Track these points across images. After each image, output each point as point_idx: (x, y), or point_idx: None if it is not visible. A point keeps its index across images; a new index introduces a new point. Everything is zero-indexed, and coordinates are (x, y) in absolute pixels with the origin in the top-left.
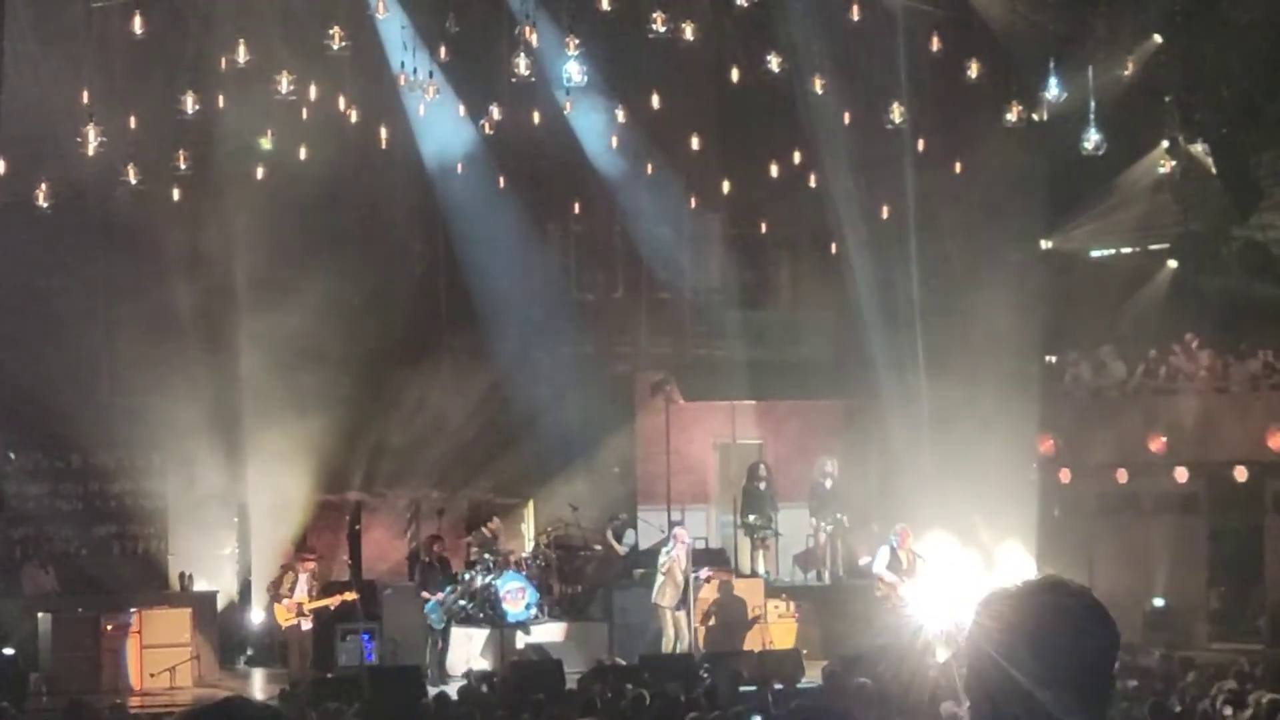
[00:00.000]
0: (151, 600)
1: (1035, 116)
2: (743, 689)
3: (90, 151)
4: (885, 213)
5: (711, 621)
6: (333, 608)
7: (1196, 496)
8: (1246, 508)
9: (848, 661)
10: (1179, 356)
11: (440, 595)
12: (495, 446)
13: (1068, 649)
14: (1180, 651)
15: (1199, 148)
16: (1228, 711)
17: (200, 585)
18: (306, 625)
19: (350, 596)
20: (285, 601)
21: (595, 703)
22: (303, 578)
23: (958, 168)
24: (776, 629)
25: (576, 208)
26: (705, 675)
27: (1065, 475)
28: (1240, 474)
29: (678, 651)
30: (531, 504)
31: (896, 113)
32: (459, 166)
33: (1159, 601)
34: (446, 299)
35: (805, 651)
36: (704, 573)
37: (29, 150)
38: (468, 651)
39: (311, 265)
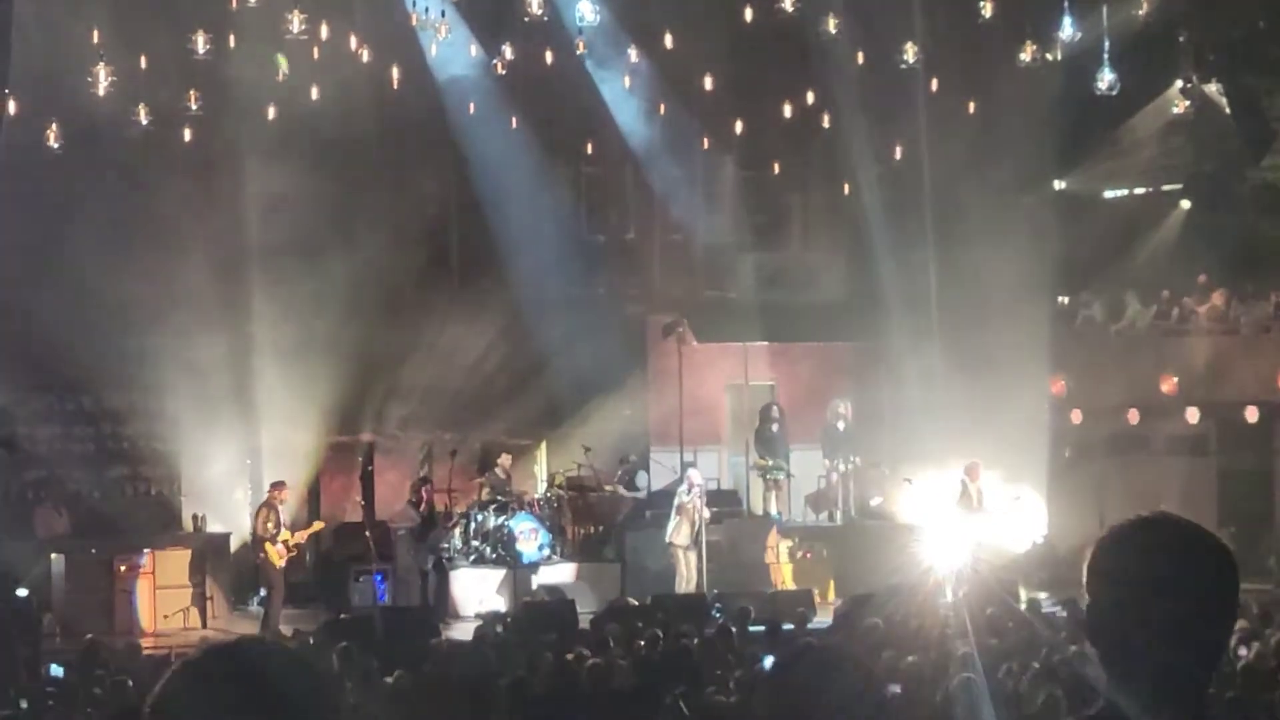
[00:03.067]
0: (164, 541)
1: (1049, 56)
2: (753, 629)
3: (101, 92)
4: (898, 153)
5: (724, 561)
6: (304, 540)
7: (1207, 437)
8: (1257, 448)
9: (859, 602)
10: (1191, 297)
11: (428, 540)
12: (508, 388)
13: (1203, 588)
14: None
15: (1212, 88)
16: (1242, 651)
17: (213, 527)
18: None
19: (318, 526)
20: (279, 545)
21: (609, 642)
22: (281, 511)
23: (971, 108)
24: (788, 569)
25: (589, 148)
26: (718, 615)
27: (1076, 416)
28: (1251, 415)
29: (690, 591)
30: (544, 445)
31: (910, 52)
32: (471, 107)
33: None
34: (459, 240)
35: (816, 592)
36: (708, 513)
37: (40, 91)
38: (480, 591)
39: (324, 207)
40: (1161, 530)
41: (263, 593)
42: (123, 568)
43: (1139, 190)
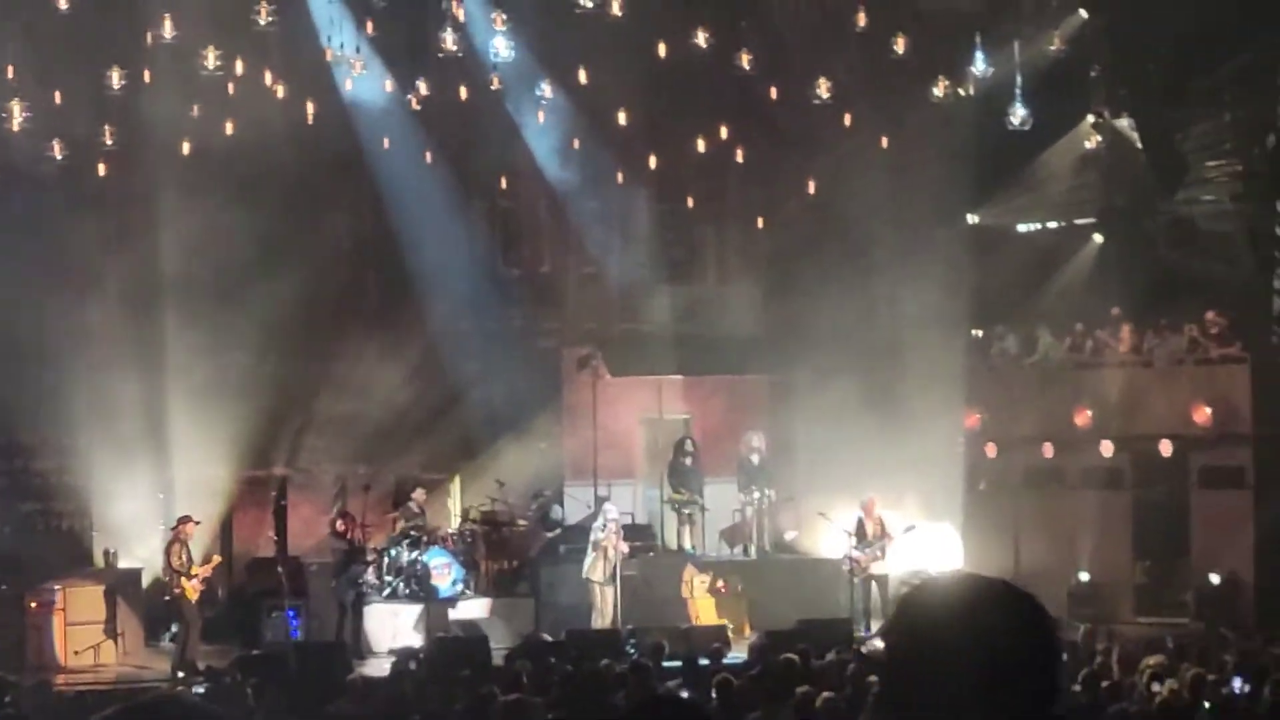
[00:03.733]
0: (76, 577)
1: (962, 91)
2: (669, 664)
3: (15, 127)
4: (812, 188)
5: (639, 596)
6: (209, 574)
7: (1122, 471)
8: (1171, 482)
9: (774, 636)
10: (1105, 331)
11: (348, 573)
12: (422, 422)
13: (1011, 650)
14: (1106, 626)
15: (1124, 123)
16: (1155, 687)
17: (125, 562)
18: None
19: (217, 560)
20: (194, 580)
21: (522, 678)
22: (190, 546)
23: (884, 143)
24: (703, 604)
25: (504, 183)
26: (632, 651)
27: (991, 449)
28: (1165, 448)
29: (605, 627)
30: (458, 479)
31: (823, 88)
32: (386, 142)
33: (1084, 576)
34: (374, 274)
35: (731, 627)
36: (625, 548)
37: None
38: (393, 627)
39: (239, 241)
40: (964, 588)
41: (174, 629)
42: (34, 604)
43: (1052, 224)
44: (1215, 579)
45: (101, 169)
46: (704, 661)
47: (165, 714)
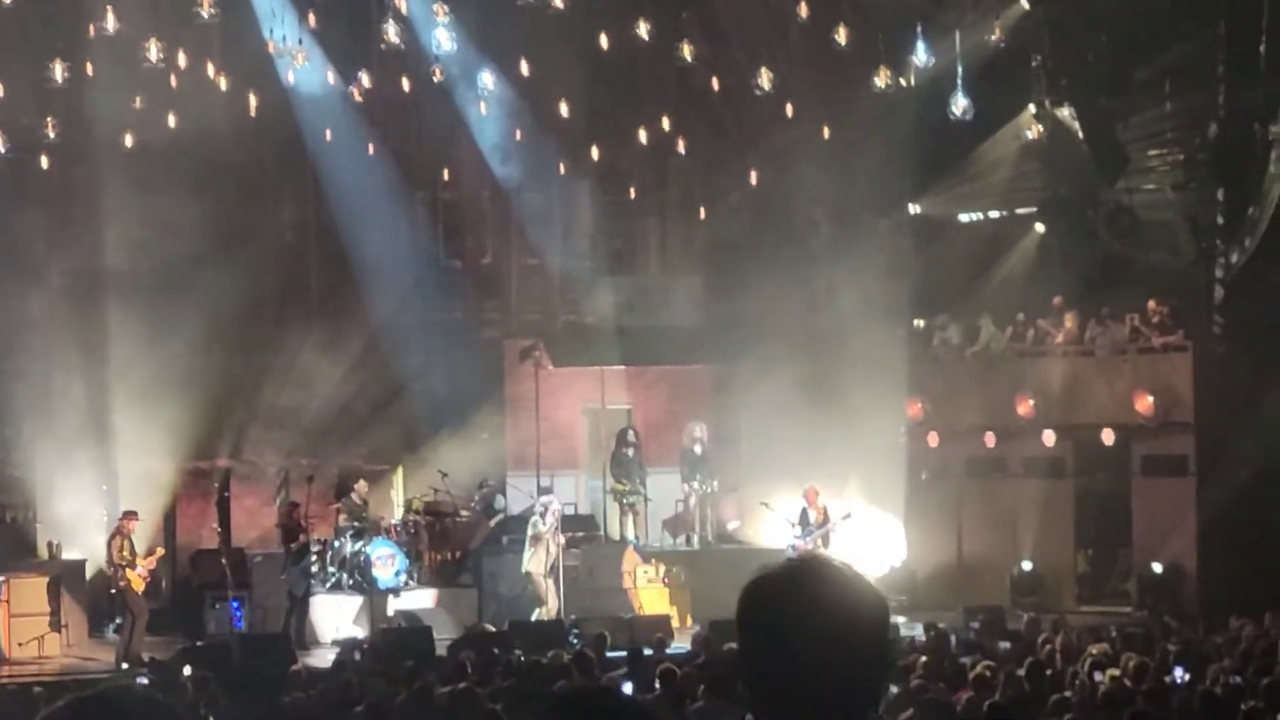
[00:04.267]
0: (19, 569)
1: (903, 82)
2: (612, 654)
3: None
4: (754, 179)
5: (582, 587)
6: (153, 566)
7: (1064, 460)
8: (1113, 471)
9: (717, 627)
10: (1046, 320)
11: (300, 564)
12: (365, 413)
13: (855, 629)
14: (1048, 614)
15: (1065, 112)
16: (1097, 676)
17: (69, 554)
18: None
19: (160, 553)
20: (139, 569)
21: (466, 668)
22: (133, 539)
23: (826, 133)
24: (646, 594)
25: (446, 174)
26: (575, 641)
27: (933, 439)
28: (1107, 437)
29: (548, 618)
30: (401, 470)
31: (765, 79)
32: (329, 134)
33: (1027, 565)
34: (317, 266)
35: (674, 617)
36: (562, 540)
37: None
38: (337, 618)
39: (181, 233)
40: (810, 574)
41: (118, 620)
42: None
43: (994, 214)
44: (1158, 567)
45: (44, 161)
46: (648, 652)
47: (117, 706)
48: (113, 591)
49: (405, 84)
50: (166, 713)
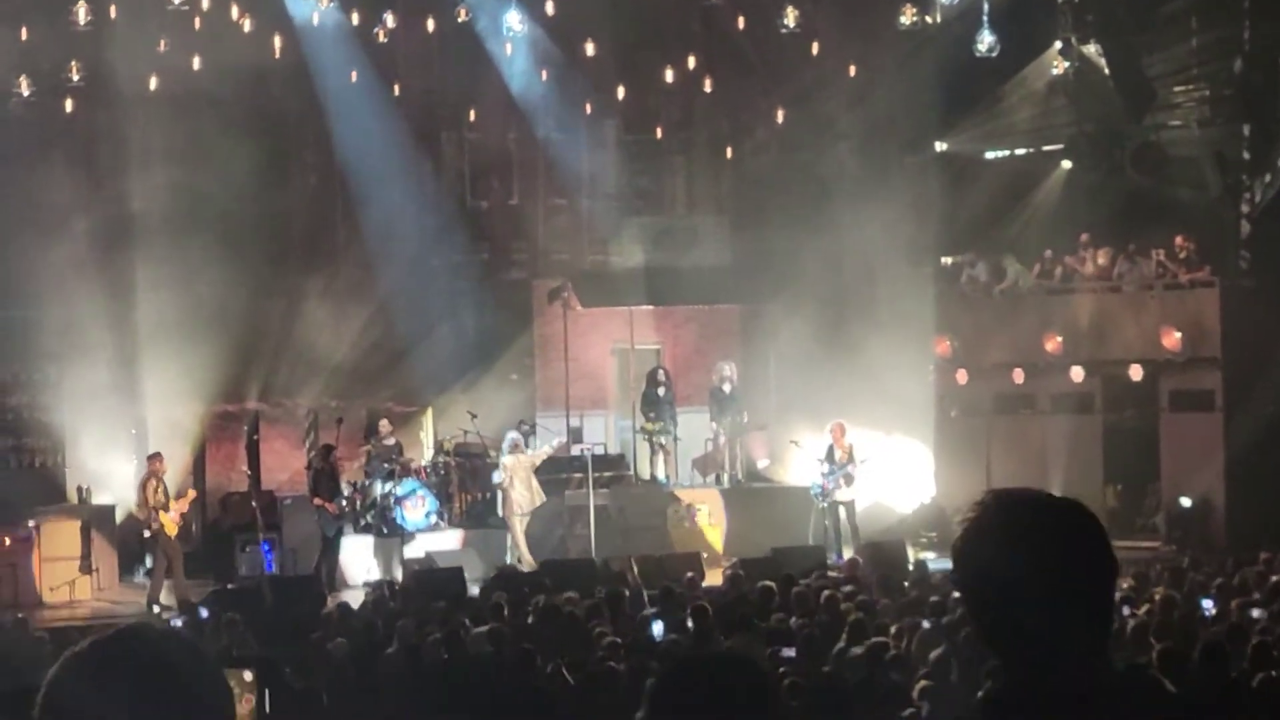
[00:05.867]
0: (50, 513)
1: (929, 19)
2: (644, 593)
3: None
4: (780, 117)
5: (612, 526)
6: (186, 508)
7: (1092, 396)
8: (1141, 406)
9: (749, 564)
10: (1074, 257)
11: (333, 505)
12: (393, 355)
13: (1072, 563)
14: None
15: (1091, 49)
16: (1125, 611)
17: (99, 498)
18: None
19: (193, 494)
20: (172, 512)
21: (499, 609)
22: (165, 481)
23: (852, 71)
24: (676, 533)
25: (472, 115)
26: (606, 580)
27: (962, 376)
28: (1135, 373)
29: (525, 569)
30: (430, 412)
31: (791, 16)
32: (353, 75)
33: None
34: (344, 207)
35: (705, 555)
36: (555, 442)
37: None
38: (366, 560)
39: (206, 176)
40: (1018, 510)
41: (149, 563)
42: (7, 540)
43: (1020, 151)
44: (1186, 502)
45: (68, 106)
46: (678, 590)
47: (138, 644)
48: (146, 535)
49: (430, 25)
50: (189, 650)
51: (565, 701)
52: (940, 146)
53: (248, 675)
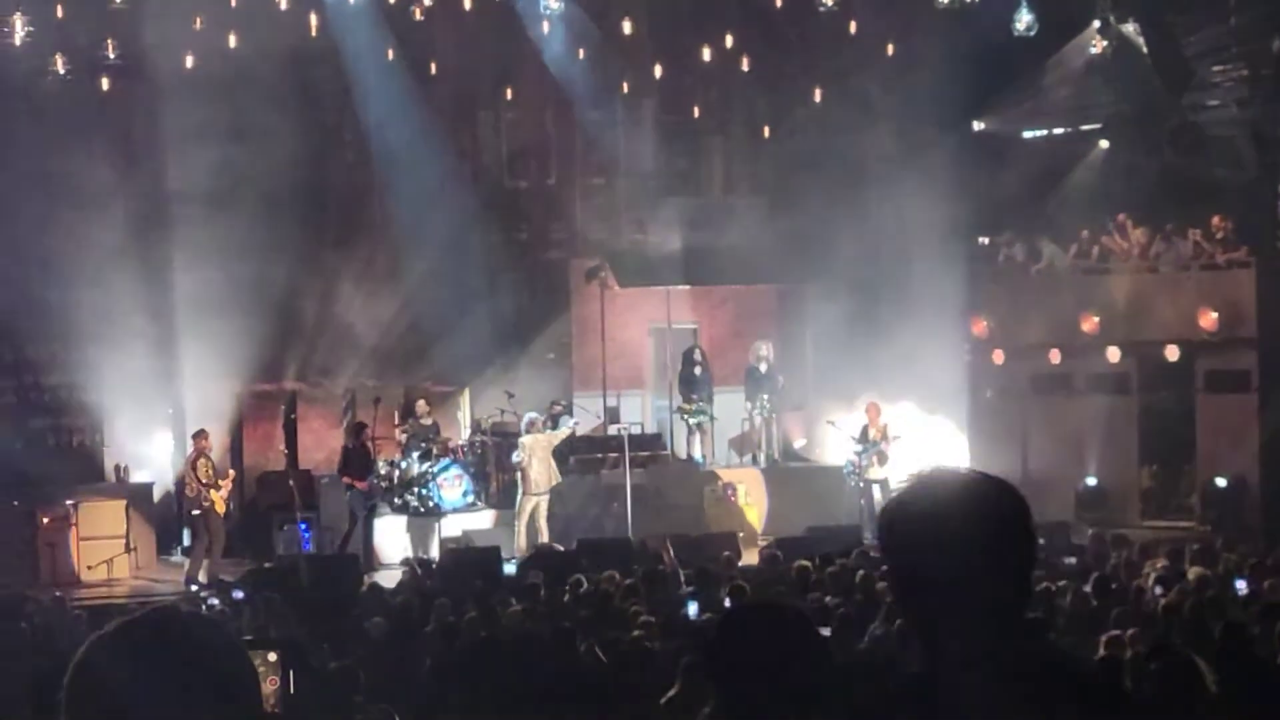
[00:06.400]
0: (88, 492)
1: None
2: (680, 572)
3: (17, 41)
4: (818, 96)
5: (649, 505)
6: (229, 487)
7: (1128, 376)
8: (1178, 387)
9: (786, 544)
10: (1111, 237)
11: (364, 483)
12: (430, 335)
13: (984, 536)
14: (1113, 530)
15: (1130, 28)
16: (1158, 590)
17: (136, 477)
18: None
19: (232, 474)
20: (222, 492)
21: (535, 588)
22: (213, 458)
23: (890, 50)
24: (713, 512)
25: (509, 93)
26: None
27: (998, 356)
28: (1171, 353)
29: (540, 543)
30: (468, 392)
31: None
32: (390, 53)
33: (1091, 480)
34: (380, 187)
35: (742, 535)
36: (573, 423)
37: None
38: (403, 539)
39: (243, 154)
40: (941, 485)
41: (186, 541)
42: (46, 519)
43: (1058, 130)
44: (1221, 482)
45: (105, 83)
46: (714, 570)
47: (162, 626)
48: (195, 513)
49: (466, 3)
50: (215, 632)
51: (601, 680)
52: (978, 126)
53: (272, 656)
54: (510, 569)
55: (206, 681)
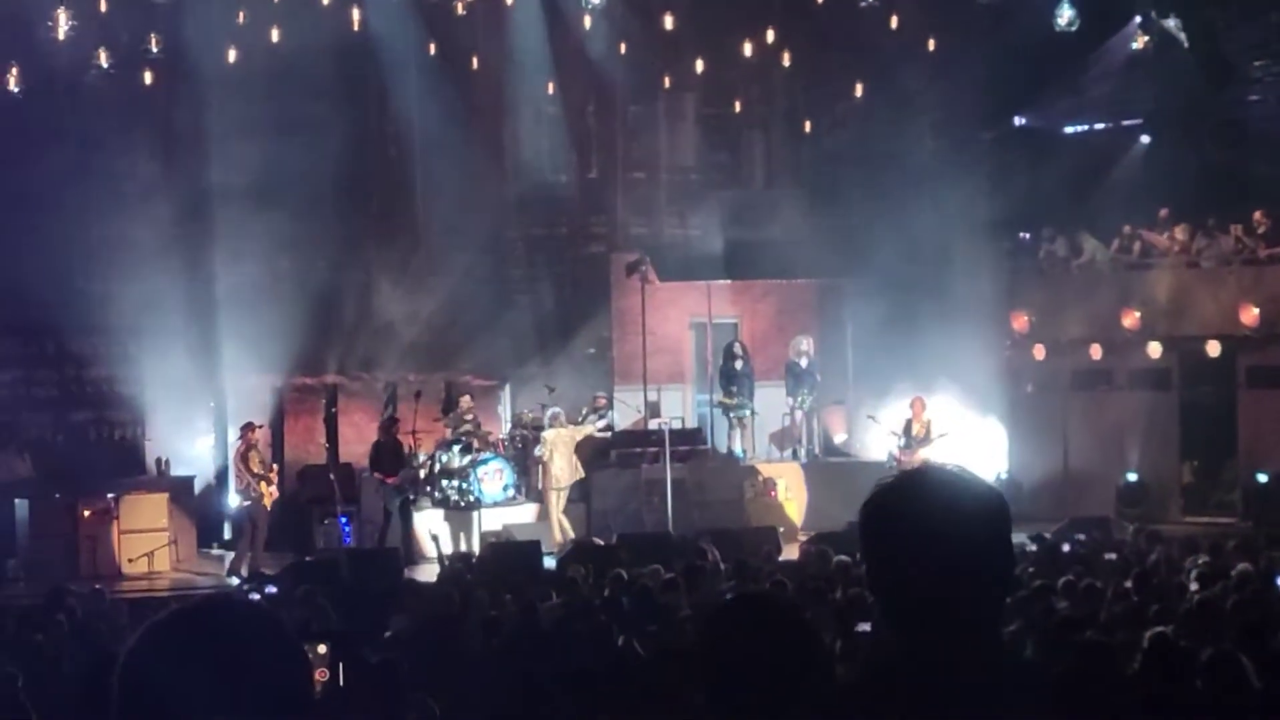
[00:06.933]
0: (129, 485)
1: None
2: (721, 566)
3: (61, 36)
4: (859, 91)
5: (689, 500)
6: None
7: (1169, 371)
8: (1219, 382)
9: (826, 539)
10: (1152, 232)
11: (394, 478)
12: (471, 329)
13: (951, 536)
14: (1153, 525)
15: (1172, 23)
16: (1194, 586)
17: (177, 470)
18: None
19: (275, 467)
20: (273, 486)
21: (575, 583)
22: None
23: (931, 45)
24: (753, 507)
25: (550, 88)
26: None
27: (1039, 351)
28: (1212, 349)
29: (568, 538)
30: (508, 385)
31: None
32: (432, 48)
33: (1132, 476)
34: (422, 180)
35: (782, 530)
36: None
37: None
38: (444, 533)
39: (285, 148)
40: (924, 482)
41: (226, 535)
42: (87, 512)
43: (1099, 126)
44: (1263, 478)
45: (147, 77)
46: (755, 564)
47: (216, 615)
48: (245, 504)
49: None
50: (269, 622)
51: (640, 674)
52: (1019, 121)
53: (321, 649)
54: (550, 563)
55: (261, 672)
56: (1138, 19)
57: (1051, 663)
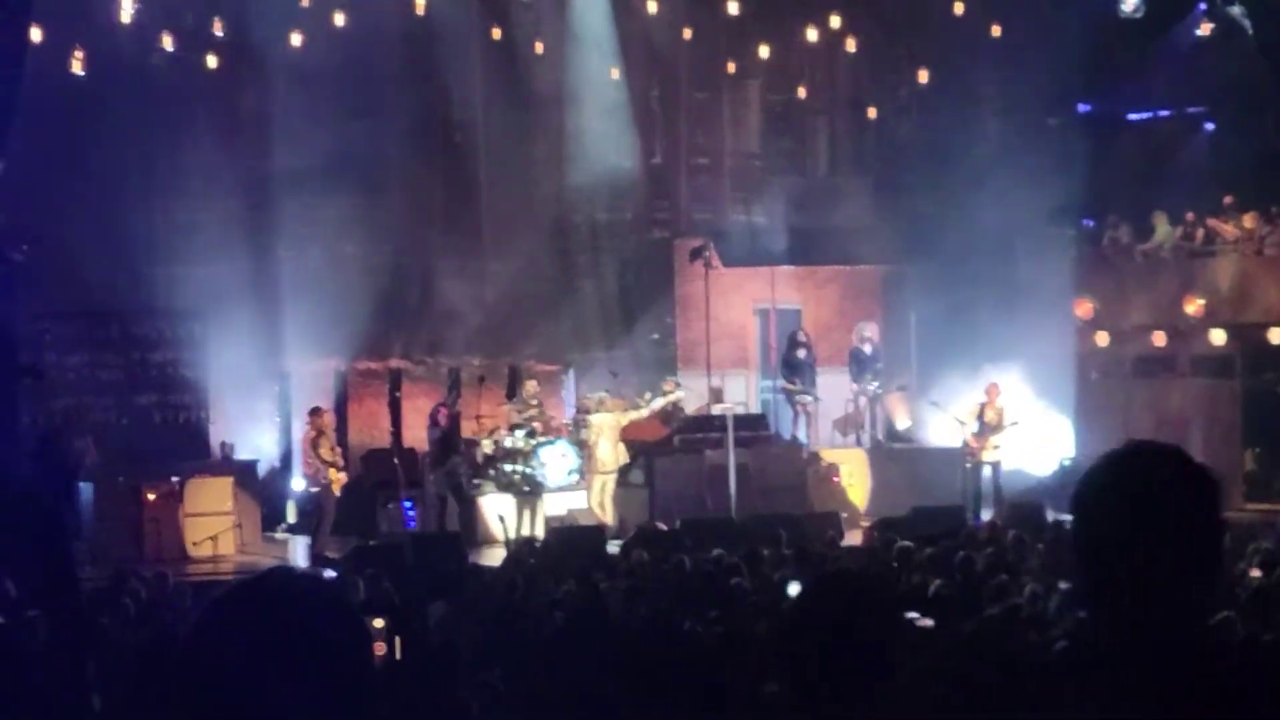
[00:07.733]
0: (193, 469)
1: None
2: (783, 552)
3: (126, 19)
4: (924, 77)
5: (752, 485)
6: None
7: (1232, 358)
8: None
9: (888, 525)
10: (1216, 219)
11: (441, 466)
12: (535, 314)
13: (1178, 513)
14: None
15: (1237, 10)
16: (1255, 573)
17: (241, 454)
18: None
19: (339, 451)
20: (342, 473)
21: (639, 567)
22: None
23: (996, 31)
24: (816, 493)
25: (614, 74)
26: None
27: (1103, 338)
28: (1275, 336)
29: (607, 523)
30: (572, 371)
31: None
32: (496, 33)
33: None
34: (487, 165)
35: (845, 515)
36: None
37: (65, 19)
38: (508, 517)
39: (349, 133)
40: (1141, 459)
41: (290, 520)
42: (152, 496)
43: (1164, 113)
44: None
45: (212, 61)
46: (818, 550)
47: (278, 588)
48: (314, 490)
49: None
50: (331, 595)
51: (703, 660)
52: (1083, 108)
53: (379, 623)
54: (613, 548)
55: (322, 644)
56: (1202, 5)
57: None
